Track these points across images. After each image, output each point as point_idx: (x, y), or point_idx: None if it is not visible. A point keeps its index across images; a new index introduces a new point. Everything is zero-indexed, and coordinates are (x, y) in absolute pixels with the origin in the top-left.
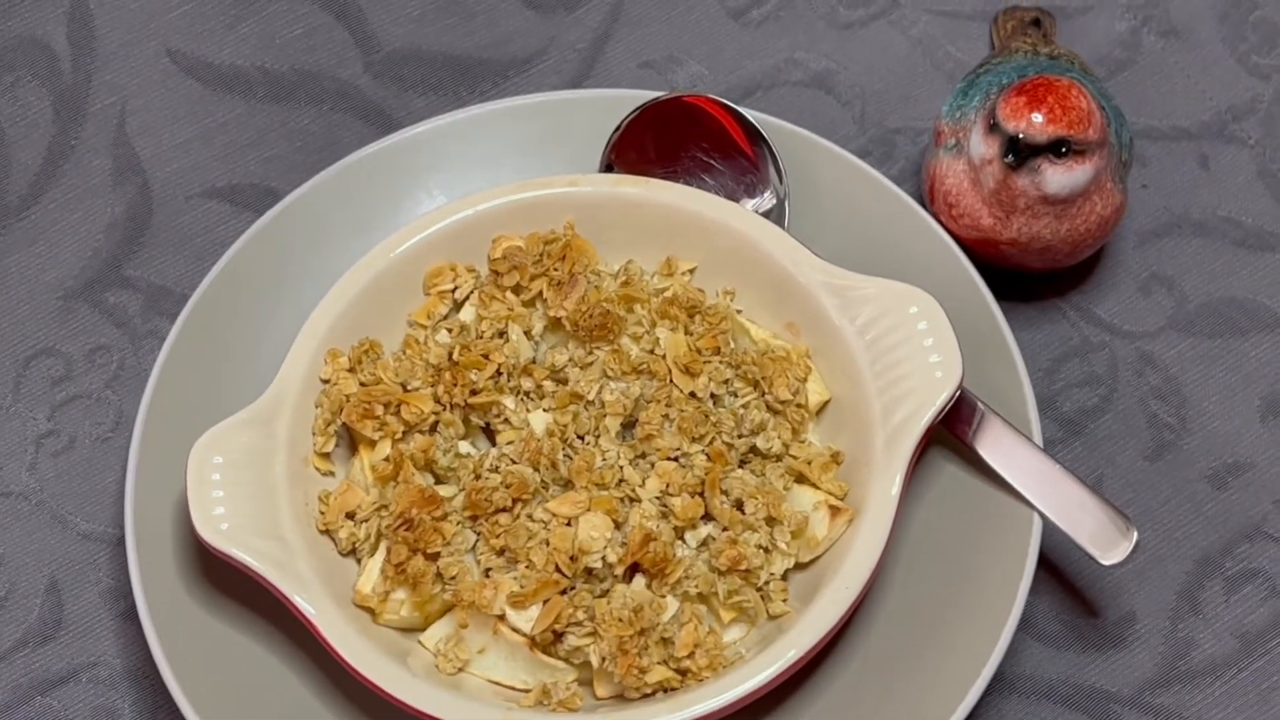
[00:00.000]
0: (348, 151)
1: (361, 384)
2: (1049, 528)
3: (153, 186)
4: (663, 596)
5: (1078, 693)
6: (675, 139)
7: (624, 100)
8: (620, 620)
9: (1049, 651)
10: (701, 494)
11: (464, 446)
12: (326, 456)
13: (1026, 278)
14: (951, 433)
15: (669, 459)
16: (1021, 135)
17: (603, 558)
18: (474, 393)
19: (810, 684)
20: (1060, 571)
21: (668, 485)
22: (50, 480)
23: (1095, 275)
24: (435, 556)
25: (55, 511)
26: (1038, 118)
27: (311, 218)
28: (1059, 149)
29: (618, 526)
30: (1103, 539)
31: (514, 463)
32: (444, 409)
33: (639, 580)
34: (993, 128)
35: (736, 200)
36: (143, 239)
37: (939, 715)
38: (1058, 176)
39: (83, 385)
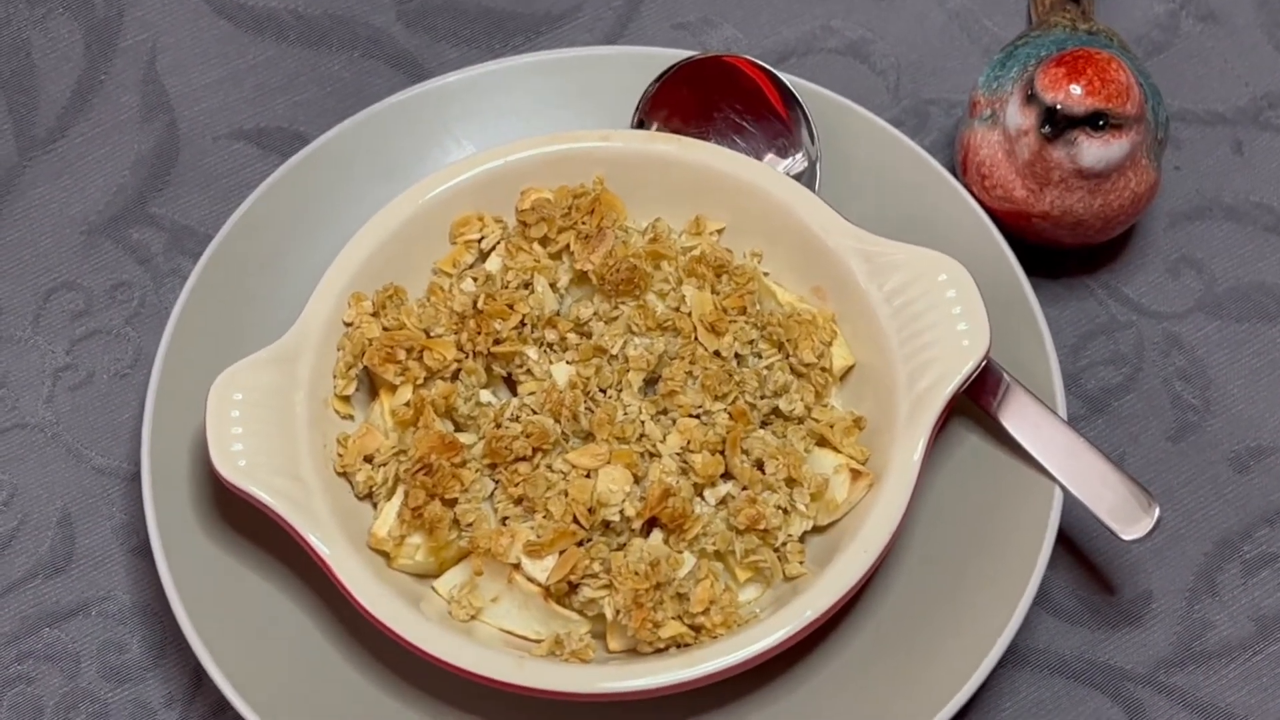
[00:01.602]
0: (377, 98)
1: (384, 328)
2: (1068, 502)
3: (180, 125)
4: (680, 552)
5: (1091, 669)
6: (709, 98)
7: (658, 58)
8: (636, 574)
9: (1064, 626)
10: (722, 452)
11: (485, 395)
12: (346, 399)
13: (1056, 253)
14: (975, 403)
15: (691, 416)
16: (1059, 106)
17: (621, 511)
18: (497, 342)
19: (822, 648)
20: (1078, 547)
21: (689, 442)
22: (66, 413)
23: (1125, 254)
24: (453, 503)
25: (70, 445)
26: (1076, 89)
27: (338, 163)
28: (1096, 122)
29: (637, 481)
30: (1124, 514)
31: (535, 413)
32: (466, 357)
33: (656, 535)
34: (1030, 98)
35: (767, 162)
36: (168, 177)
37: (951, 686)
38: (1094, 149)
39: (103, 320)
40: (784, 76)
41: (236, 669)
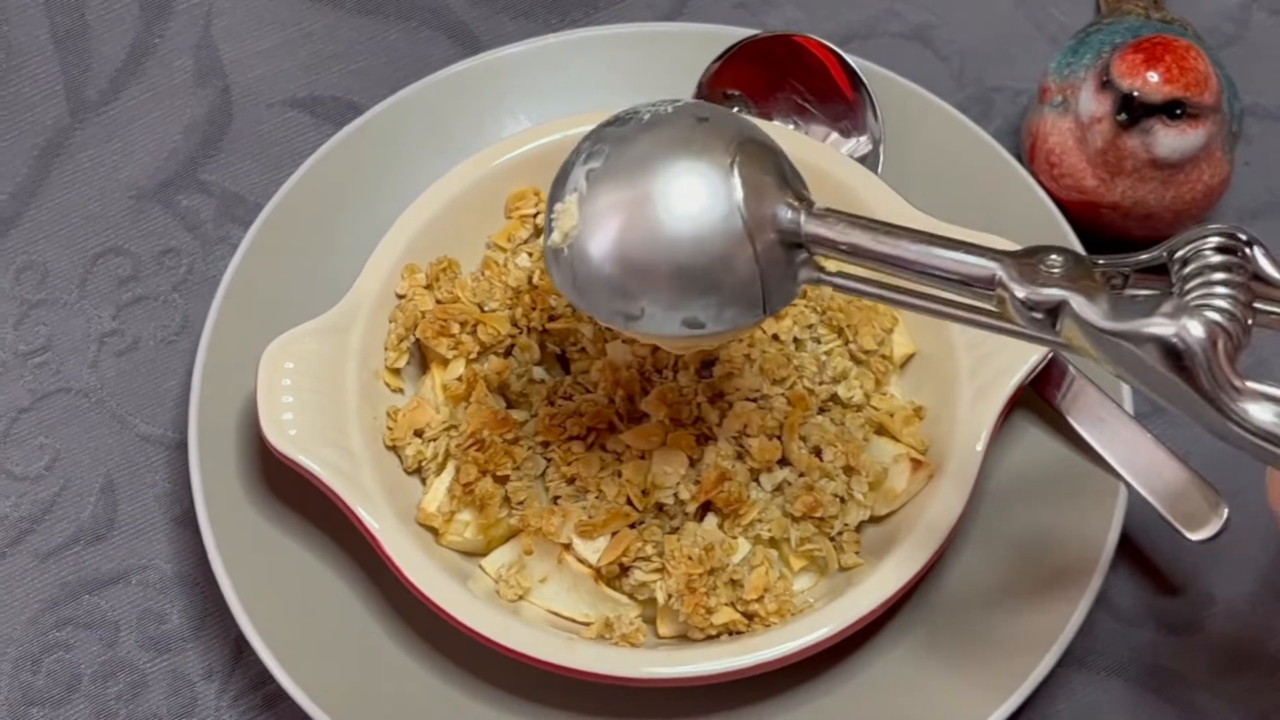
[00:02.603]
0: (433, 70)
1: (438, 301)
2: (1131, 500)
3: (233, 91)
4: (734, 538)
5: (1148, 672)
6: (772, 77)
7: (719, 36)
8: (690, 558)
9: (1122, 627)
10: (779, 437)
11: (538, 372)
12: (397, 372)
13: (1123, 247)
14: (1039, 395)
15: (748, 400)
16: (1136, 93)
17: (675, 494)
18: (552, 318)
19: (875, 641)
20: (1139, 546)
21: (745, 426)
22: (111, 379)
23: None
24: (504, 480)
25: (115, 411)
26: (1154, 76)
27: (392, 134)
28: (1173, 110)
29: (692, 464)
30: (1192, 514)
31: (589, 392)
32: (520, 332)
33: (710, 519)
34: (1105, 85)
35: (830, 144)
36: (220, 144)
37: (1007, 686)
38: (1170, 139)
39: (150, 286)
40: (850, 59)
41: (278, 641)
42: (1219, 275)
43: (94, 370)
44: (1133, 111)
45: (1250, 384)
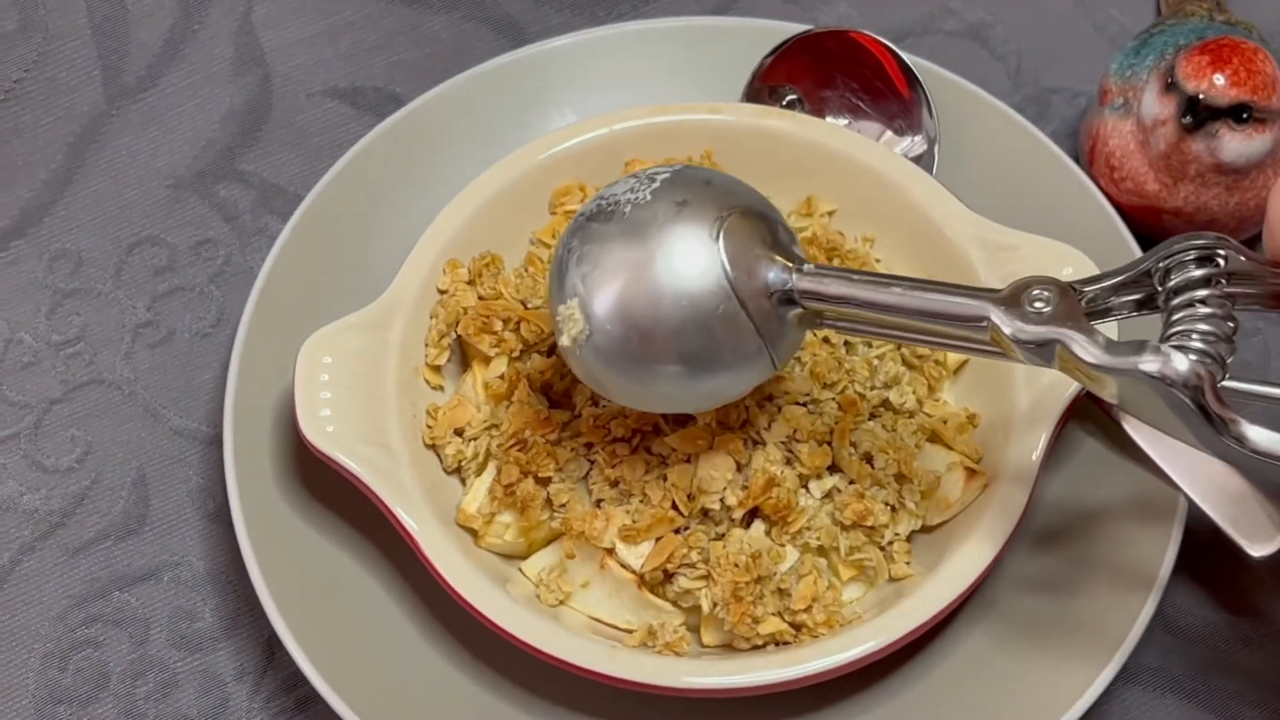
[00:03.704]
0: (477, 62)
1: (480, 297)
2: (1192, 514)
3: (273, 80)
4: (782, 546)
5: (1205, 690)
6: (825, 74)
7: (770, 31)
8: (736, 565)
9: (1177, 644)
10: (829, 443)
11: None
12: (438, 369)
13: None
14: (1097, 404)
15: (798, 404)
16: (1202, 96)
17: (721, 499)
18: None
19: (924, 656)
20: (1196, 561)
21: (795, 431)
22: (145, 371)
23: None
24: (546, 481)
25: (148, 404)
26: (1220, 79)
27: (435, 126)
28: (1240, 114)
29: (740, 469)
30: (1253, 530)
31: None
32: None
33: (758, 526)
34: (1170, 87)
35: (884, 143)
36: (259, 133)
37: (1062, 703)
38: (1235, 144)
39: (186, 277)
40: (906, 56)
41: (312, 642)
42: (1201, 293)
43: (128, 362)
44: (1198, 115)
45: (1231, 383)
